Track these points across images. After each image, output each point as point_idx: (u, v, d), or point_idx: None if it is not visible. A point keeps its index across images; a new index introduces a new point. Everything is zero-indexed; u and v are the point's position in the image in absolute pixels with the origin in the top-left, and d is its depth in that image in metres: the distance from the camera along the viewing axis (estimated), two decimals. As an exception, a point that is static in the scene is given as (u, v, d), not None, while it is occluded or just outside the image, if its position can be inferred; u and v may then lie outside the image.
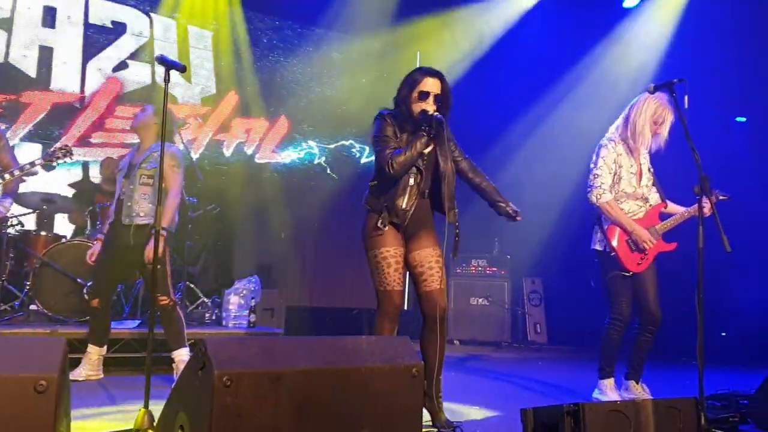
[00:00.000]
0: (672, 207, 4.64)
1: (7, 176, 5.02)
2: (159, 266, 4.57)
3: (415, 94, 3.57)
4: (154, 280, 3.35)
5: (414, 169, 3.55)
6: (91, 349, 4.87)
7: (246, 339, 2.37)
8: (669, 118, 4.48)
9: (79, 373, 4.75)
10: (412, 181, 3.57)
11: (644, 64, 8.51)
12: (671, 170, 6.69)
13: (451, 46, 9.46)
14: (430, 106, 3.53)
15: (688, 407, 2.98)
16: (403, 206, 3.54)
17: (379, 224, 3.53)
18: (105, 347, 4.96)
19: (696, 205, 4.38)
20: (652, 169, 4.67)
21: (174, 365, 4.77)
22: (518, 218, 3.77)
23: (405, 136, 3.57)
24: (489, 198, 3.85)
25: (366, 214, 3.66)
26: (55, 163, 5.18)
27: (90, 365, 4.84)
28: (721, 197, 4.58)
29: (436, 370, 3.58)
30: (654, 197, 4.63)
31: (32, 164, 5.03)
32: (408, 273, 3.71)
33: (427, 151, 3.57)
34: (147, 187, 4.74)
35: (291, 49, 9.09)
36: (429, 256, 3.63)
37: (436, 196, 3.69)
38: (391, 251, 3.55)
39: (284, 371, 2.31)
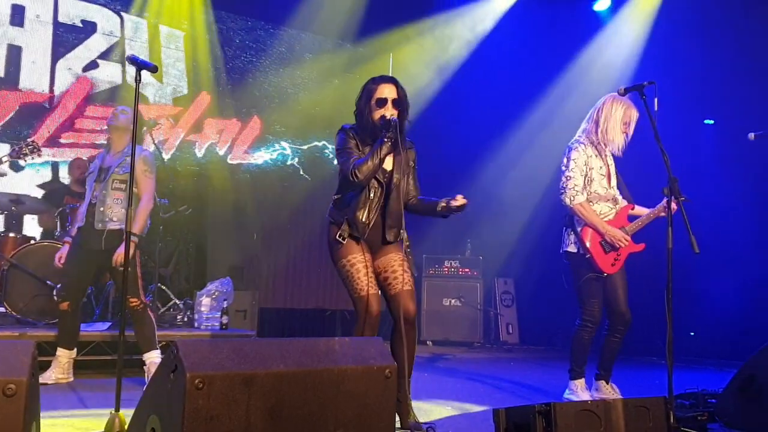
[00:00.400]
0: (638, 209, 4.70)
1: None
2: (129, 269, 4.58)
3: (373, 102, 3.62)
4: (125, 283, 3.32)
5: (375, 183, 3.61)
6: (61, 352, 4.83)
7: (218, 341, 2.36)
8: (635, 117, 4.56)
9: (48, 377, 4.70)
10: (372, 194, 3.62)
11: (614, 67, 8.60)
12: (639, 172, 6.79)
13: (423, 49, 9.49)
14: (389, 111, 3.59)
15: (658, 406, 3.02)
16: (363, 219, 3.59)
17: (338, 237, 3.59)
18: (74, 350, 4.92)
19: (660, 206, 4.49)
20: (618, 171, 4.73)
21: (145, 368, 4.74)
22: (457, 204, 3.68)
23: (367, 149, 3.61)
24: (429, 208, 3.82)
25: (328, 226, 3.71)
26: (23, 161, 5.12)
27: (60, 368, 4.79)
28: (681, 198, 4.65)
29: (406, 373, 3.58)
30: (621, 200, 4.70)
31: None
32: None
33: (389, 167, 3.64)
34: (120, 192, 4.72)
35: (263, 50, 9.06)
36: (392, 261, 3.66)
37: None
38: (358, 257, 3.58)
39: (257, 373, 2.30)
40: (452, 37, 9.51)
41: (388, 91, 3.63)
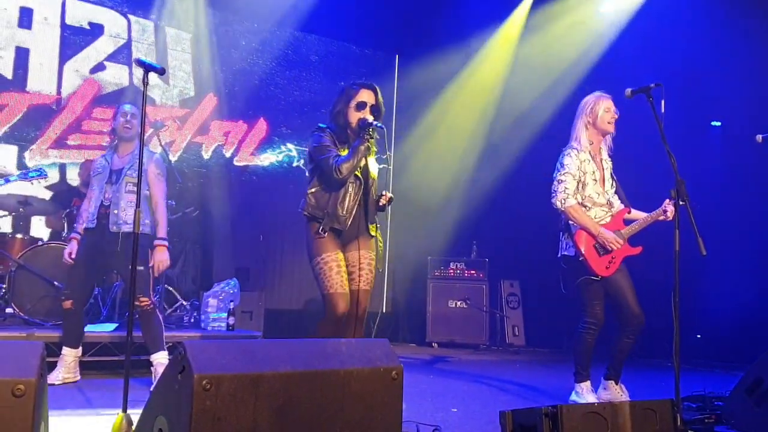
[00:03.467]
0: (635, 213, 4.70)
1: None
2: (142, 268, 4.66)
3: (352, 104, 3.88)
4: (134, 282, 3.33)
5: (352, 177, 3.82)
6: (66, 351, 4.84)
7: (226, 342, 2.37)
8: (605, 104, 4.64)
9: (55, 377, 4.71)
10: (351, 188, 3.84)
11: (621, 69, 8.59)
12: (645, 174, 6.78)
13: (431, 50, 9.48)
14: (368, 115, 3.84)
15: (665, 409, 3.02)
16: (343, 212, 3.80)
17: (320, 230, 3.78)
18: (80, 349, 4.93)
19: (659, 210, 4.51)
20: (614, 175, 4.75)
21: (152, 368, 4.76)
22: (384, 202, 3.91)
23: (344, 146, 3.87)
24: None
25: (306, 221, 3.91)
26: (30, 183, 5.24)
27: (66, 368, 4.80)
28: (681, 203, 4.64)
29: None
30: (617, 203, 4.71)
31: (7, 180, 5.15)
32: None
33: (362, 164, 3.83)
34: (133, 195, 4.74)
35: (269, 52, 9.07)
36: (361, 258, 3.85)
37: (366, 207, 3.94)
38: (332, 255, 3.76)
39: (264, 374, 2.31)
40: (457, 39, 9.49)
41: (367, 96, 3.90)
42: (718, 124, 8.79)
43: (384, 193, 3.92)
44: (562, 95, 8.84)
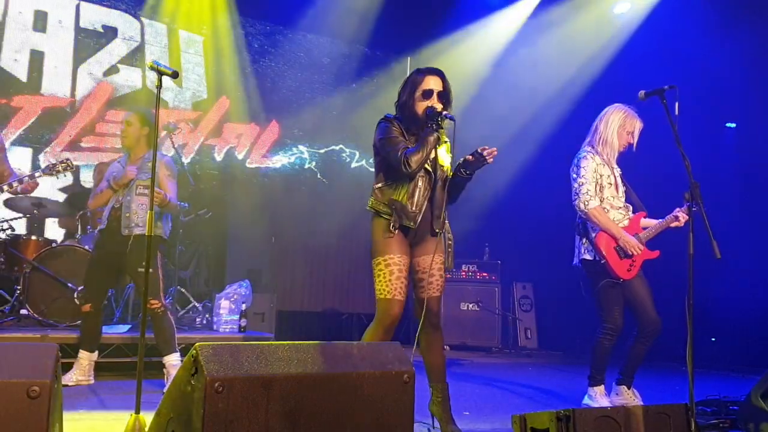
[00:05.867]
0: (646, 220, 4.70)
1: (5, 188, 5.06)
2: (151, 271, 4.62)
3: (418, 94, 3.59)
4: (146, 286, 3.34)
5: (422, 171, 3.55)
6: (83, 354, 4.88)
7: (238, 345, 2.37)
8: (638, 126, 4.61)
9: (69, 378, 4.74)
10: (420, 183, 3.57)
11: (635, 71, 8.54)
12: (659, 176, 6.74)
13: (441, 52, 9.47)
14: (436, 104, 3.55)
15: (679, 413, 3.00)
16: (413, 208, 3.54)
17: (391, 227, 3.52)
18: (96, 353, 4.96)
19: (671, 216, 4.51)
20: (626, 183, 4.74)
21: (165, 370, 4.77)
22: (486, 153, 3.53)
23: (413, 138, 3.58)
24: (454, 179, 3.70)
25: (372, 218, 3.63)
26: (56, 177, 5.21)
27: (81, 370, 4.84)
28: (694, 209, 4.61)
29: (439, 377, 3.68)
30: (631, 207, 4.70)
31: (32, 177, 5.02)
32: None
33: (432, 155, 3.56)
34: (144, 198, 4.76)
35: (282, 54, 9.10)
36: (433, 263, 3.62)
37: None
38: (395, 258, 3.51)
39: (276, 377, 2.31)
40: (472, 41, 9.48)
41: (434, 83, 3.61)
42: (733, 125, 8.73)
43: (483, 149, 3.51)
44: (576, 95, 8.83)
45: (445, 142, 3.70)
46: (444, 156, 3.66)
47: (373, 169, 3.81)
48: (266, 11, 8.84)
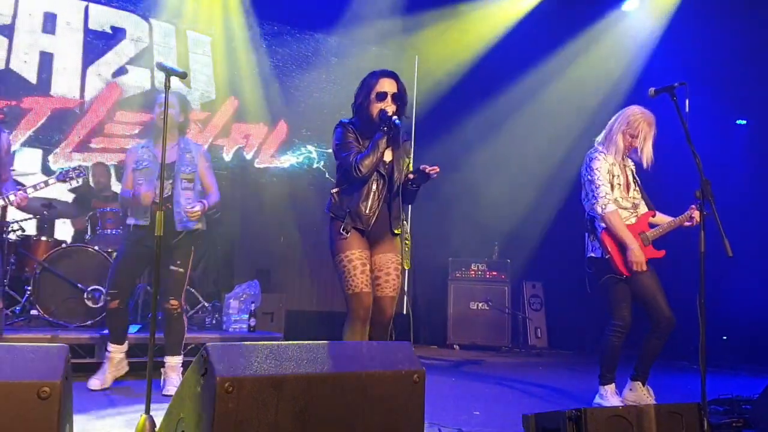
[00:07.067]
0: (659, 217, 4.66)
1: (12, 197, 4.55)
2: (182, 270, 4.67)
3: (372, 96, 3.68)
4: (156, 284, 3.34)
5: (376, 175, 3.65)
6: (113, 349, 4.74)
7: (248, 345, 2.36)
8: (646, 131, 4.52)
9: (105, 379, 4.67)
10: (374, 186, 3.67)
11: (645, 67, 8.52)
12: (670, 174, 6.70)
13: (449, 51, 9.46)
14: (389, 106, 3.65)
15: (691, 412, 2.98)
16: (367, 211, 3.64)
17: (341, 230, 3.63)
18: (126, 344, 4.84)
19: (684, 215, 4.47)
20: (638, 180, 4.70)
21: (163, 371, 4.71)
22: (428, 171, 3.60)
23: (367, 142, 3.65)
24: (405, 189, 3.76)
25: (330, 221, 3.75)
26: (69, 185, 5.13)
27: (113, 367, 4.73)
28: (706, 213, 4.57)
29: None
30: (642, 206, 4.66)
31: (46, 183, 4.78)
32: None
33: (387, 159, 3.67)
34: (189, 192, 4.69)
35: (289, 54, 9.10)
36: (389, 262, 3.71)
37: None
38: (356, 253, 3.61)
39: (286, 376, 2.30)
40: (478, 38, 9.45)
41: (388, 86, 3.71)
42: (743, 122, 8.68)
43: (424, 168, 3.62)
44: (587, 92, 8.78)
45: (401, 144, 3.76)
46: (399, 160, 3.75)
47: None
48: (274, 11, 8.83)
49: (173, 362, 4.71)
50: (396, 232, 3.71)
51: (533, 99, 9.16)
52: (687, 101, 3.67)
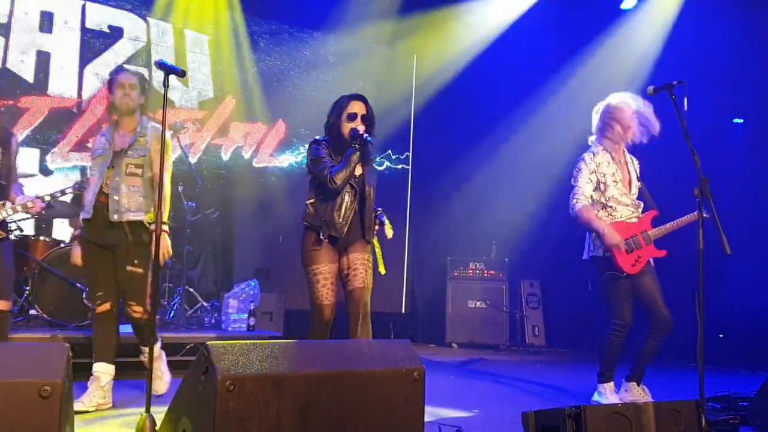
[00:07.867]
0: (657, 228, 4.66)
1: (30, 204, 4.29)
2: (141, 271, 4.15)
3: (343, 116, 4.02)
4: (155, 279, 3.34)
5: (348, 187, 3.95)
6: (100, 368, 4.12)
7: (249, 344, 2.37)
8: (628, 115, 4.59)
9: (89, 402, 3.99)
10: (347, 197, 3.96)
11: (643, 66, 8.52)
12: (668, 172, 6.72)
13: (448, 51, 9.46)
14: (360, 125, 3.97)
15: (689, 409, 2.99)
16: (340, 219, 3.92)
17: (321, 237, 3.90)
18: (114, 366, 4.22)
19: (690, 215, 4.47)
20: (640, 179, 4.70)
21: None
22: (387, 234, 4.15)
23: (339, 158, 3.96)
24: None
25: (304, 230, 4.04)
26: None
27: (100, 391, 4.08)
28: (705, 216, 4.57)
29: None
30: (643, 205, 4.68)
31: (63, 192, 4.40)
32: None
33: (358, 173, 3.98)
34: (135, 178, 4.17)
35: (288, 53, 9.09)
36: (356, 259, 3.98)
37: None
38: (325, 267, 3.92)
39: (287, 375, 2.31)
40: (476, 39, 9.45)
41: (358, 107, 4.04)
42: (741, 121, 8.69)
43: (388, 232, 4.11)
44: (584, 91, 8.77)
45: (370, 159, 4.11)
46: (370, 174, 4.06)
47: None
48: (271, 10, 8.83)
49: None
50: (368, 239, 4.01)
51: (531, 99, 9.15)
52: (686, 99, 3.68)
